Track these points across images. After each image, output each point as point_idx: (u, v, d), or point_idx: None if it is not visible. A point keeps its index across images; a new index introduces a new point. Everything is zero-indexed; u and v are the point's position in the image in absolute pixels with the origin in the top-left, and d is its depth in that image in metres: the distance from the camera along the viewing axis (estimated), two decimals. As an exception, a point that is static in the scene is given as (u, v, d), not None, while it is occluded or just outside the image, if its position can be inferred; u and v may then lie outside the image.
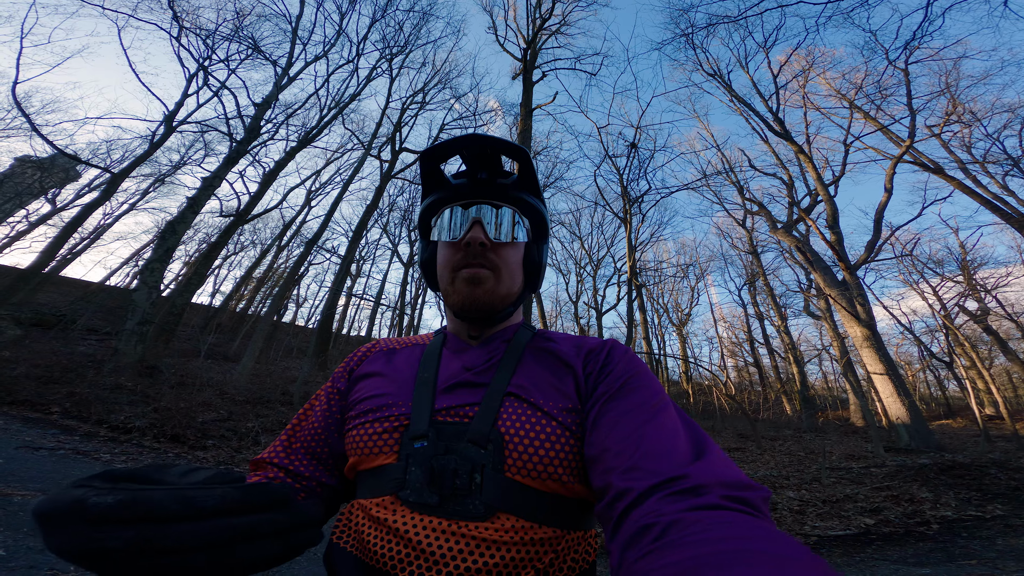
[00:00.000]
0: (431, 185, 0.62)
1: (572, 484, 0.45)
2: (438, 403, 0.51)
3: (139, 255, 30.51)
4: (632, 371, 0.50)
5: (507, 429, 0.47)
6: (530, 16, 13.66)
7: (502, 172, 0.60)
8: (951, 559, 2.81)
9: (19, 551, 2.04)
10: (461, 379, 0.53)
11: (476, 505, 0.43)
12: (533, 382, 0.52)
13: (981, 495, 4.09)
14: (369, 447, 0.50)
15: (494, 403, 0.49)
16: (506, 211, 0.58)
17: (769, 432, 12.28)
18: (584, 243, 24.05)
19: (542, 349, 0.57)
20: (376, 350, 0.64)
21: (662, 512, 0.32)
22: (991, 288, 17.09)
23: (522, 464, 0.45)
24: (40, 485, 3.04)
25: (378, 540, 0.44)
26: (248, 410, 6.88)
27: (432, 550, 0.41)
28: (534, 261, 0.62)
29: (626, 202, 15.99)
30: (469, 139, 0.56)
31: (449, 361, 0.57)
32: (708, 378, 26.13)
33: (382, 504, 0.46)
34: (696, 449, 0.39)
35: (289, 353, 22.41)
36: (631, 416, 0.44)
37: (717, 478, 0.35)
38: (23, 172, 26.55)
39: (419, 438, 0.48)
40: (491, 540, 0.42)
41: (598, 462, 0.42)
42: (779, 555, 0.24)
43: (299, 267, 12.36)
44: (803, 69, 16.04)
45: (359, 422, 0.53)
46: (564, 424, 0.47)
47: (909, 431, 8.25)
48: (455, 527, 0.42)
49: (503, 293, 0.57)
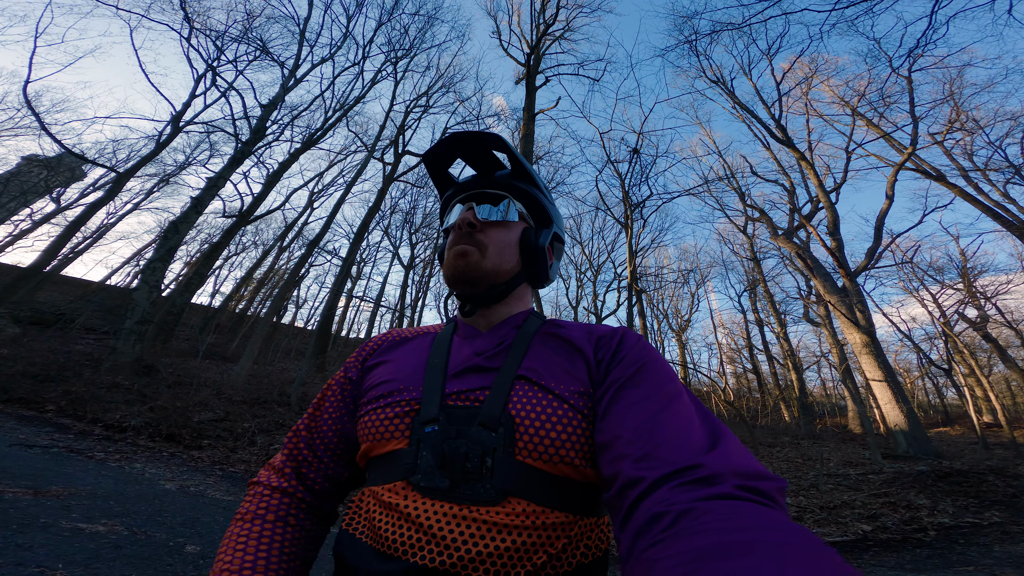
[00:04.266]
0: (443, 186, 0.70)
1: (584, 468, 0.45)
2: (449, 388, 0.51)
3: (141, 254, 30.61)
4: (645, 358, 0.50)
5: (518, 412, 0.46)
6: (534, 21, 13.77)
7: (500, 166, 0.66)
8: (948, 565, 2.79)
9: (8, 548, 2.03)
10: (472, 364, 0.53)
11: (487, 489, 0.43)
12: (544, 365, 0.51)
13: (979, 502, 4.06)
14: (380, 432, 0.50)
15: (505, 386, 0.49)
16: (498, 197, 0.64)
17: (767, 439, 12.22)
18: (585, 248, 24.08)
19: (552, 335, 0.57)
20: (389, 339, 0.65)
21: (674, 501, 0.31)
22: (991, 295, 17.05)
23: (533, 447, 0.44)
24: (31, 482, 3.03)
25: (389, 525, 0.44)
26: (245, 410, 6.87)
27: (443, 534, 0.41)
28: (531, 243, 0.62)
29: (627, 207, 16.01)
30: (451, 138, 0.62)
31: (460, 347, 0.58)
32: (707, 384, 26.04)
33: (393, 489, 0.46)
34: (711, 438, 0.39)
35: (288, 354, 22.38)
36: (644, 404, 0.43)
37: (732, 468, 0.34)
38: (30, 171, 26.71)
39: (430, 422, 0.48)
40: (502, 524, 0.41)
41: (609, 449, 0.41)
42: (791, 545, 0.24)
43: (300, 268, 12.36)
44: (806, 76, 16.11)
45: (370, 408, 0.53)
46: (576, 407, 0.47)
47: (907, 438, 8.21)
48: (466, 511, 0.42)
49: (488, 268, 0.58)
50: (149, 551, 2.27)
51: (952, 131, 13.48)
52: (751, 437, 9.59)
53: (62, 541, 2.19)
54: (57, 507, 2.64)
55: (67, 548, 2.13)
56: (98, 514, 2.66)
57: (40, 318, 10.34)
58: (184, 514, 2.90)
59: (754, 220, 17.33)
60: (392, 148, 15.72)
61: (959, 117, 13.40)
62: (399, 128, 15.74)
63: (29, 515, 2.43)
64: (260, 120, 12.02)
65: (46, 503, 2.67)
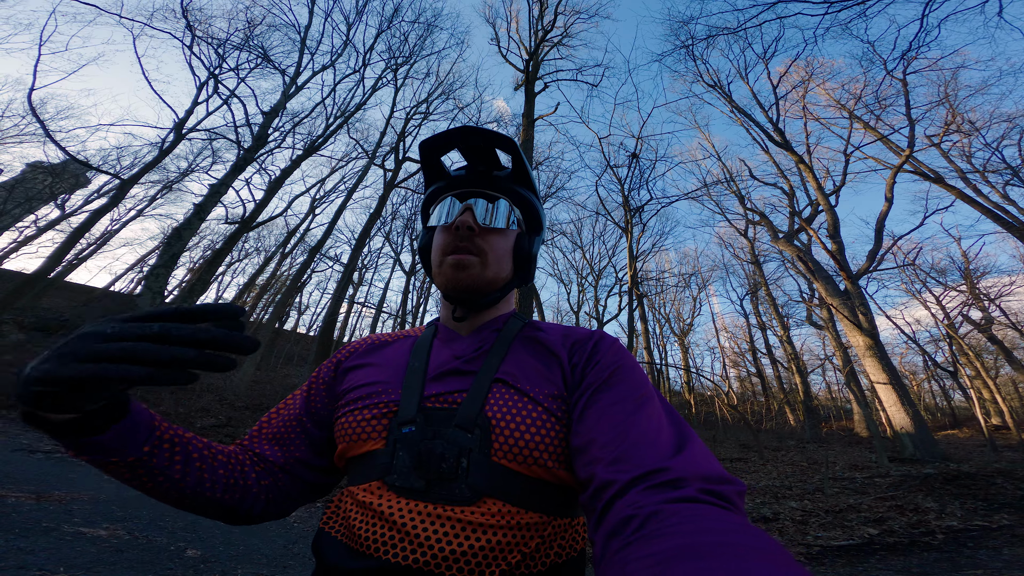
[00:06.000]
0: (432, 176, 0.65)
1: (557, 470, 0.46)
2: (427, 390, 0.51)
3: (145, 261, 30.78)
4: (618, 363, 0.51)
5: (494, 414, 0.47)
6: (532, 28, 13.92)
7: (498, 165, 0.63)
8: (957, 569, 2.75)
9: (10, 552, 2.03)
10: (451, 367, 0.54)
11: (462, 489, 0.44)
12: (521, 369, 0.52)
13: (987, 505, 4.01)
14: (358, 433, 0.50)
15: (482, 389, 0.50)
16: (499, 201, 0.61)
17: (772, 443, 12.12)
18: (585, 253, 24.13)
19: (531, 338, 0.58)
20: (367, 343, 0.65)
21: (642, 504, 0.33)
22: (995, 297, 16.97)
23: (508, 449, 0.45)
24: (34, 487, 3.03)
25: (364, 524, 0.44)
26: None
27: (417, 532, 0.42)
28: (524, 251, 0.62)
29: (627, 212, 16.06)
30: (461, 130, 0.59)
31: (440, 350, 0.58)
32: (710, 388, 25.89)
33: (369, 489, 0.47)
34: (678, 442, 0.40)
35: (290, 360, 22.39)
36: (617, 408, 0.44)
37: (697, 471, 0.36)
38: (34, 177, 26.98)
39: (407, 423, 0.48)
40: (477, 523, 0.42)
41: (584, 453, 0.42)
42: (748, 546, 0.26)
43: (302, 274, 12.42)
44: (802, 80, 16.22)
45: (348, 410, 0.53)
46: (550, 410, 0.48)
47: (914, 441, 8.13)
48: (441, 510, 0.43)
49: (489, 278, 0.58)
50: (150, 555, 2.27)
51: (949, 133, 13.52)
52: (756, 441, 9.52)
53: (64, 545, 2.19)
54: (59, 511, 2.64)
55: (69, 552, 2.13)
56: (100, 518, 2.65)
57: (44, 324, 10.38)
58: (185, 518, 2.89)
59: (754, 224, 17.34)
60: (393, 155, 15.86)
61: (955, 119, 13.44)
62: (399, 135, 15.88)
63: (31, 519, 2.43)
64: (262, 127, 12.13)
65: (48, 507, 2.67)
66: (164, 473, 0.45)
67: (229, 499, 0.50)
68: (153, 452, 0.44)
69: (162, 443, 0.46)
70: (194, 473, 0.47)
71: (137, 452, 0.43)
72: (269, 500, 0.54)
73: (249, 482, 0.52)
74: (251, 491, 0.52)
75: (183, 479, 0.46)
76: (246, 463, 0.54)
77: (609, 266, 23.40)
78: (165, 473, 0.45)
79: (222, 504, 0.50)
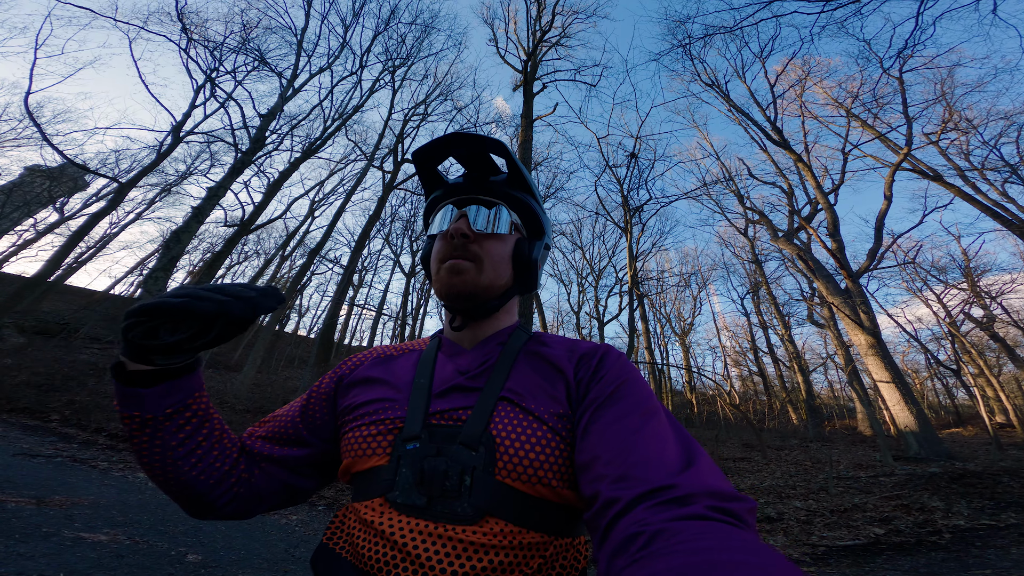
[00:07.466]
0: (431, 185, 0.66)
1: (561, 489, 0.45)
2: (433, 407, 0.51)
3: (144, 264, 30.76)
4: (623, 377, 0.50)
5: (499, 432, 0.47)
6: (530, 28, 13.95)
7: (494, 170, 0.63)
8: (965, 569, 2.73)
9: (10, 557, 2.01)
10: (455, 383, 0.54)
11: (464, 507, 0.43)
12: (526, 387, 0.52)
13: (994, 504, 4.00)
14: (363, 448, 0.51)
15: (487, 407, 0.49)
16: (495, 206, 0.61)
17: (775, 442, 12.10)
18: (585, 253, 24.17)
19: (535, 353, 0.57)
20: (371, 357, 0.65)
21: (649, 521, 0.32)
22: (996, 295, 16.98)
23: (512, 467, 0.45)
24: (35, 492, 3.01)
25: (367, 543, 0.44)
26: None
27: (418, 553, 0.41)
28: (523, 256, 0.61)
29: (627, 212, 16.07)
30: (449, 138, 0.59)
31: (444, 365, 0.58)
32: (712, 388, 25.87)
33: (371, 506, 0.47)
34: (685, 458, 0.39)
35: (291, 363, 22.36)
36: (621, 424, 0.44)
37: (705, 488, 0.35)
38: (32, 181, 27.00)
39: (411, 440, 0.48)
40: (479, 544, 0.41)
41: (588, 470, 0.41)
42: (757, 566, 0.25)
43: (302, 277, 12.40)
44: (799, 78, 16.25)
45: (354, 425, 0.53)
46: (555, 429, 0.48)
47: (918, 439, 8.11)
48: (442, 529, 0.42)
49: (484, 284, 0.58)
50: (151, 560, 2.25)
51: (946, 131, 13.55)
52: (758, 440, 9.50)
53: (64, 550, 2.17)
54: (60, 516, 2.62)
55: (69, 557, 2.11)
56: (100, 523, 2.63)
57: (44, 328, 10.36)
58: (186, 523, 2.87)
59: (754, 223, 17.35)
60: (391, 156, 15.87)
61: (952, 117, 13.47)
62: (398, 136, 15.88)
63: (32, 524, 2.41)
64: (259, 130, 12.14)
65: (49, 512, 2.65)
66: (162, 437, 0.49)
67: (204, 481, 0.51)
68: (170, 416, 0.49)
69: (185, 411, 0.50)
70: (187, 446, 0.50)
71: (158, 411, 0.48)
72: (237, 495, 0.54)
73: (228, 467, 0.54)
74: (228, 478, 0.53)
75: (176, 449, 0.50)
76: (235, 450, 0.56)
77: (609, 266, 23.47)
78: (163, 438, 0.49)
79: (193, 486, 0.51)
